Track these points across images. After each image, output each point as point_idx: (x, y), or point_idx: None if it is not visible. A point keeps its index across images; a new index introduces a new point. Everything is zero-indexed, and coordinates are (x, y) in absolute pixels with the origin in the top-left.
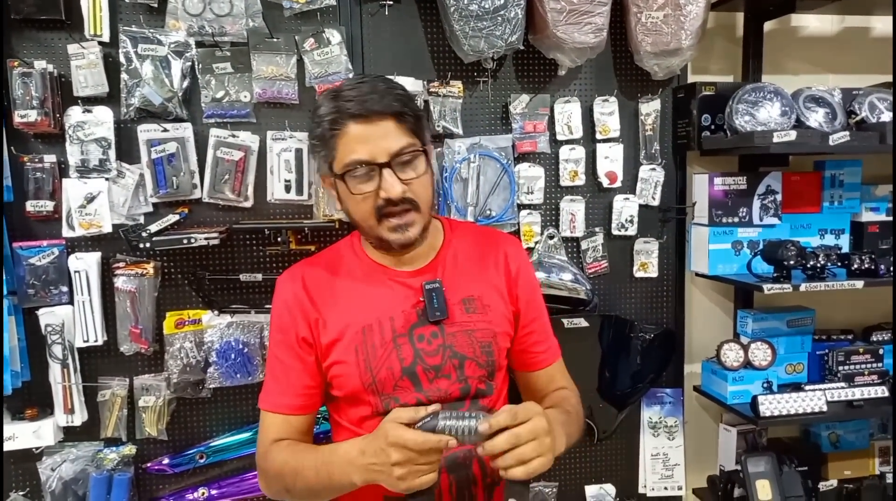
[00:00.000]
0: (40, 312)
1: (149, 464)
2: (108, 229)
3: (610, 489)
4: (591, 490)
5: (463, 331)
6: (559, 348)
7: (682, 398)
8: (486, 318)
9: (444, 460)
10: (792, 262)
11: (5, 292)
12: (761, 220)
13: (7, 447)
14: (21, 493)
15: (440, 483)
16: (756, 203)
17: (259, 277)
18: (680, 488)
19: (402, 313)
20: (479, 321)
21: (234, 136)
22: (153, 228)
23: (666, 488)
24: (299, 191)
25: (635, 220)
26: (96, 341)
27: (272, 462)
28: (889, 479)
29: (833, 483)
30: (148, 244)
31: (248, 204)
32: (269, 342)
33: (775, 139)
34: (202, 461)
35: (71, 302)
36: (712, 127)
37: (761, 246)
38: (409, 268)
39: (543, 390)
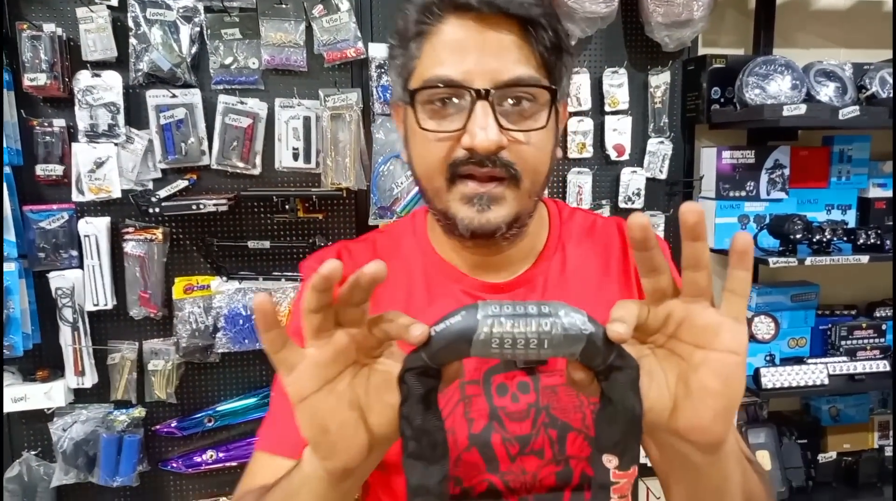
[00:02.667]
0: (50, 275)
1: (158, 427)
2: (117, 194)
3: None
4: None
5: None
6: None
7: None
8: None
9: (532, 497)
10: (798, 236)
11: (15, 255)
12: (768, 194)
13: (19, 407)
14: (33, 452)
15: None
16: (763, 177)
17: (267, 244)
18: None
19: None
20: None
21: (242, 103)
22: (162, 193)
23: None
24: (307, 159)
25: (642, 193)
26: (106, 305)
27: None
28: (888, 452)
29: (832, 455)
30: (157, 209)
31: (256, 171)
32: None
33: (785, 113)
34: (210, 424)
35: (81, 266)
36: (722, 100)
37: (768, 220)
38: (495, 278)
39: None
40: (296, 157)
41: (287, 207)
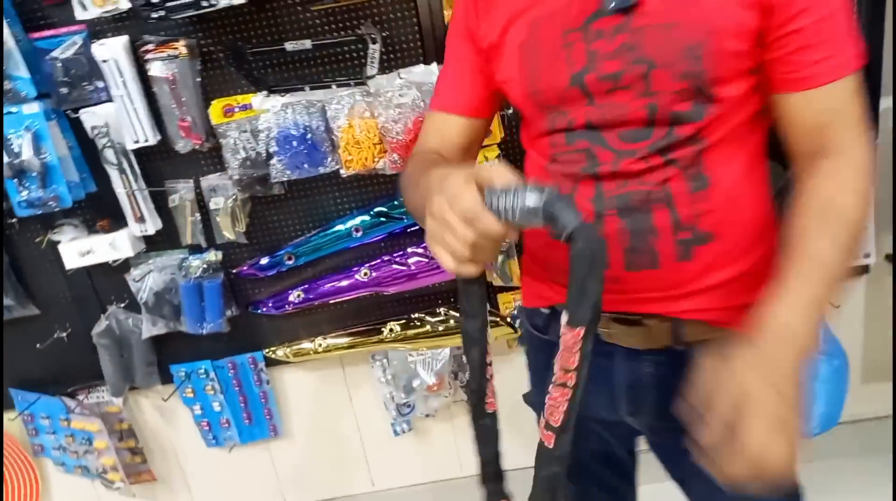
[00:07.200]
0: (81, 113)
1: (237, 269)
2: (125, 4)
3: None
4: None
5: (658, 25)
6: (857, 57)
7: None
8: (699, 4)
9: (615, 199)
10: None
11: (34, 94)
12: None
13: (87, 261)
14: (121, 305)
15: (607, 229)
16: None
17: (308, 43)
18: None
19: None
20: (685, 10)
21: None
22: None
23: None
24: None
25: None
26: (147, 140)
27: (404, 175)
28: None
29: None
30: (162, 12)
31: None
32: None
33: None
34: (290, 262)
35: (110, 99)
36: None
37: None
38: None
39: (801, 138)
40: None
41: None
